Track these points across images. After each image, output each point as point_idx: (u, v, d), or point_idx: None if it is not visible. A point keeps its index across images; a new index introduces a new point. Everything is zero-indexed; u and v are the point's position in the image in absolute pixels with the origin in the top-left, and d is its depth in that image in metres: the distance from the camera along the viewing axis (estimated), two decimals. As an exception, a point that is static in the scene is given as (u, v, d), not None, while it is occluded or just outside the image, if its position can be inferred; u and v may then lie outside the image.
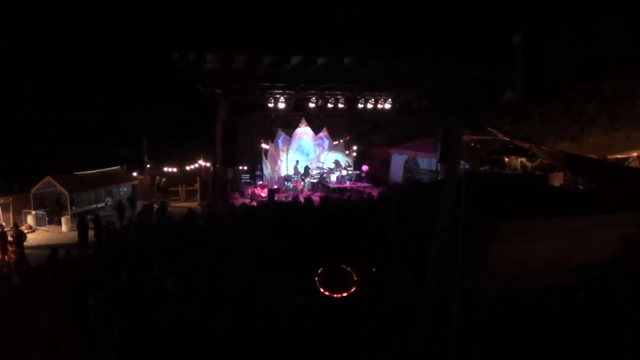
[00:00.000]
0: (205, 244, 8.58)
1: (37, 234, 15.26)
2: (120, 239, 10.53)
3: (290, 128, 21.42)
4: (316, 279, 5.95)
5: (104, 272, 7.54)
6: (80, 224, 12.70)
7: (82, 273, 7.77)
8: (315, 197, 16.70)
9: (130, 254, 8.57)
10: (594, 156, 12.16)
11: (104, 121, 28.61)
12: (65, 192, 15.89)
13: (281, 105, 17.28)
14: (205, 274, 6.98)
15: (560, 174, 15.03)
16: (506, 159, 16.38)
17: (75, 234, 14.74)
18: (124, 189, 18.78)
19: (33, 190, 16.15)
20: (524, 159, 15.96)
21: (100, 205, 17.36)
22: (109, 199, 17.94)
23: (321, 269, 6.03)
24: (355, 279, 5.94)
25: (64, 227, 15.60)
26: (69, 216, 15.81)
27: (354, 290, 6.16)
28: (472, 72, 14.34)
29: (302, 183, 19.71)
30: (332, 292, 5.79)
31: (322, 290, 5.75)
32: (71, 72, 26.73)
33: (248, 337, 5.64)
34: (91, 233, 12.58)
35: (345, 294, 5.83)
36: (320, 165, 21.09)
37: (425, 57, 13.49)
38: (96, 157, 23.53)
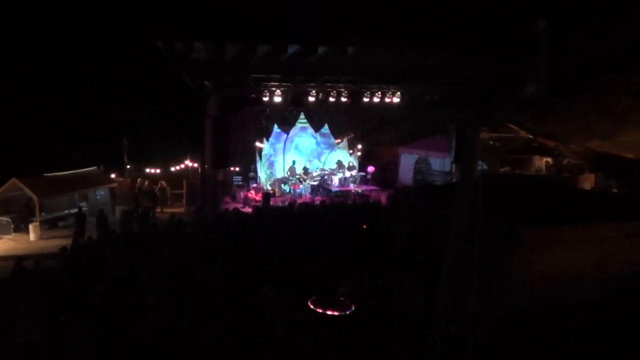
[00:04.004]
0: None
1: (1, 243, 15.04)
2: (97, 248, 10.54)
3: (287, 125, 21.47)
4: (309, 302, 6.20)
5: (77, 286, 7.56)
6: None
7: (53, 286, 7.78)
8: (316, 202, 16.73)
9: (109, 265, 8.60)
10: (629, 156, 12.19)
11: (79, 116, 28.60)
12: (34, 196, 15.77)
13: (277, 100, 17.32)
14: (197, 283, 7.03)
15: (591, 176, 15.04)
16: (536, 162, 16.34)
17: (44, 243, 14.95)
18: (101, 193, 18.78)
19: (-4, 194, 16.08)
20: (549, 159, 15.99)
21: (73, 211, 17.32)
22: (83, 203, 17.90)
23: (312, 298, 6.32)
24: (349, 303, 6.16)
25: (32, 236, 15.41)
26: (37, 223, 15.69)
27: (356, 307, 6.28)
28: (489, 62, 14.37)
29: (301, 186, 19.74)
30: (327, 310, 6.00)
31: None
32: (40, 61, 26.76)
33: (240, 353, 5.71)
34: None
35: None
36: (321, 166, 21.13)
37: (437, 47, 13.54)
38: (70, 157, 23.52)
